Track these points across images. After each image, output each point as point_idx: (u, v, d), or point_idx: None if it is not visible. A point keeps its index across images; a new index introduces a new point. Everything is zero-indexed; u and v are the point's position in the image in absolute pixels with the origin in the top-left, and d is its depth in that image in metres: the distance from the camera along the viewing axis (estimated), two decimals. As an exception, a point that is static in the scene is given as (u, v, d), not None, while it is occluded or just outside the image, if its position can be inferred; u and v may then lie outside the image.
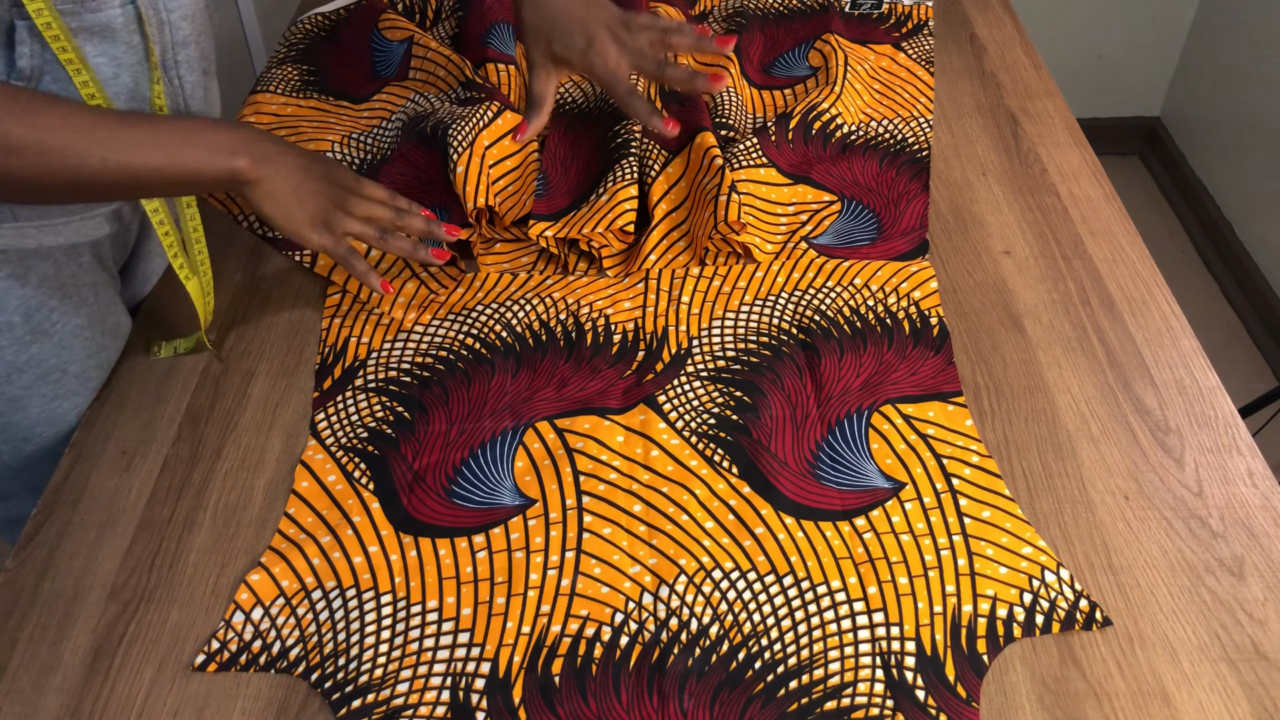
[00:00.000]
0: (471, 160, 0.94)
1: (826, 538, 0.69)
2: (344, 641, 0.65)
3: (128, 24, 0.71)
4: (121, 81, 0.73)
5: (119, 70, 0.72)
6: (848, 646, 0.64)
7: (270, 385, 0.82)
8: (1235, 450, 0.74)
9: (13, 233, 0.73)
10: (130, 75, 0.73)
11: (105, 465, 0.77)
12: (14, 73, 0.67)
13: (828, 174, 1.00)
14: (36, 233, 0.74)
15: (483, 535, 0.70)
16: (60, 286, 0.77)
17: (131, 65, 0.73)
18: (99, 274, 0.81)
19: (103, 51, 0.70)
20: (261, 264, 0.93)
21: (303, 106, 1.10)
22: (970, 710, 0.60)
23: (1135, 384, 0.79)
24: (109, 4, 0.69)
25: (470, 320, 0.87)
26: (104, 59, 0.71)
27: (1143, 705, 0.60)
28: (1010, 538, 0.69)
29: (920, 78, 1.13)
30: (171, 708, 0.62)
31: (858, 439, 0.75)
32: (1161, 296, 0.87)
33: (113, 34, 0.70)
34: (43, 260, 0.75)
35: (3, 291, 0.74)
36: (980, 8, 1.27)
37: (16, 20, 0.66)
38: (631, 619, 0.66)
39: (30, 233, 0.73)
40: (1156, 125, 2.41)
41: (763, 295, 0.87)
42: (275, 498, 0.74)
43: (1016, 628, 0.64)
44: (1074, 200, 0.97)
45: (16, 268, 0.74)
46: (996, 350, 0.82)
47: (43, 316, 0.77)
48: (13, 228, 0.72)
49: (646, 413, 0.78)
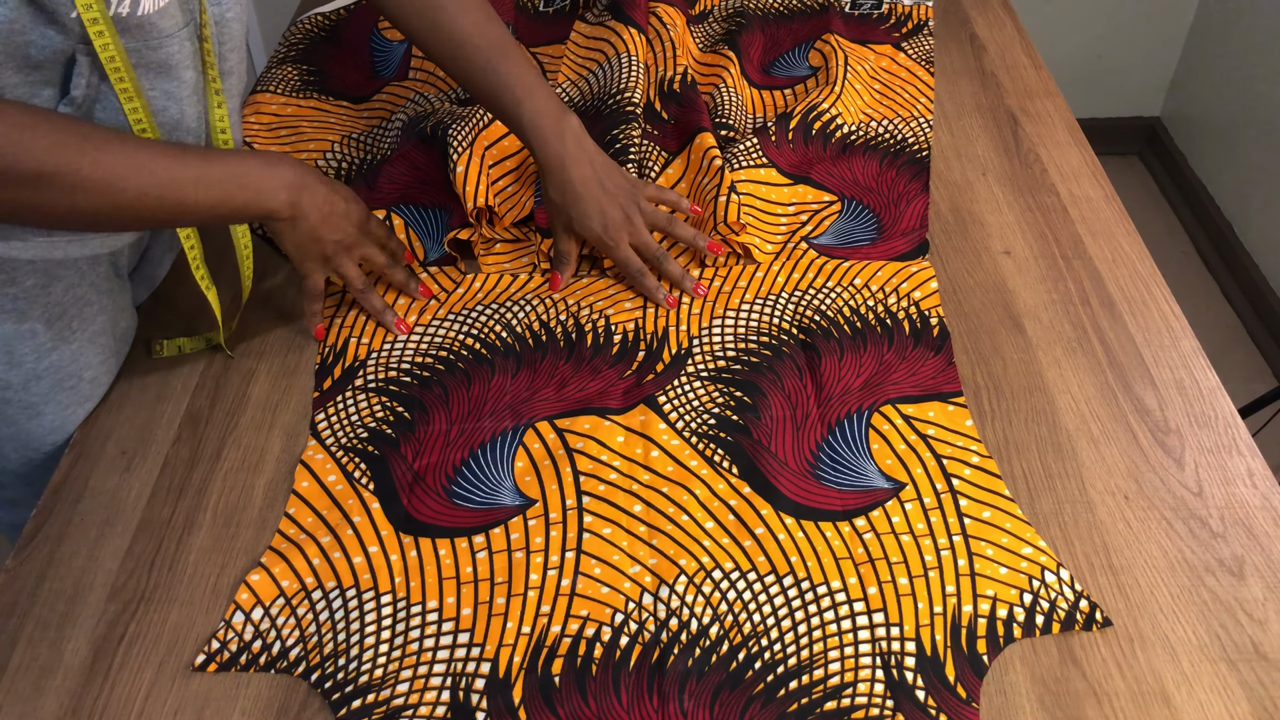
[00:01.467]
0: (471, 160, 0.94)
1: (826, 538, 0.69)
2: (344, 641, 0.65)
3: (184, 59, 0.73)
4: (169, 113, 0.74)
5: (168, 103, 0.74)
6: (848, 647, 0.64)
7: (270, 385, 0.82)
8: (1235, 450, 0.74)
9: (44, 244, 0.73)
10: (178, 107, 0.75)
11: (105, 465, 0.77)
12: (65, 99, 0.68)
13: (828, 174, 1.00)
14: (65, 245, 0.75)
15: (483, 535, 0.70)
16: (81, 294, 0.78)
17: (181, 99, 0.74)
18: (115, 280, 0.82)
19: (155, 85, 0.72)
20: (262, 265, 0.93)
21: (303, 106, 1.10)
22: (970, 710, 0.60)
23: (1135, 384, 0.79)
24: (170, 42, 0.71)
25: (470, 320, 0.87)
26: (156, 92, 0.73)
27: (1143, 705, 0.60)
28: (1010, 538, 0.69)
29: (920, 78, 1.13)
30: (171, 708, 0.62)
31: (858, 439, 0.75)
32: (1161, 296, 0.87)
33: (169, 69, 0.72)
34: (67, 269, 0.76)
35: (28, 300, 0.75)
36: (980, 8, 1.27)
37: (79, 54, 0.67)
38: (631, 619, 0.66)
39: (60, 244, 0.75)
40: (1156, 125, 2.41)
41: (763, 295, 0.87)
42: (275, 498, 0.74)
43: (1016, 628, 0.64)
44: (1074, 200, 0.97)
45: (42, 277, 0.75)
46: (996, 350, 0.82)
47: (64, 324, 0.77)
48: (45, 240, 0.73)
49: (646, 413, 0.78)
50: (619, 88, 1.03)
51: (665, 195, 0.92)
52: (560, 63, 1.15)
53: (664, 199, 0.92)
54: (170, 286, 0.92)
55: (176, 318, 0.89)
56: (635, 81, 1.04)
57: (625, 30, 1.09)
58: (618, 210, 0.87)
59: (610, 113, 1.02)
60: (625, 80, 1.04)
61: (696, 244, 0.89)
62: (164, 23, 0.70)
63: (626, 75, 1.05)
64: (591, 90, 1.08)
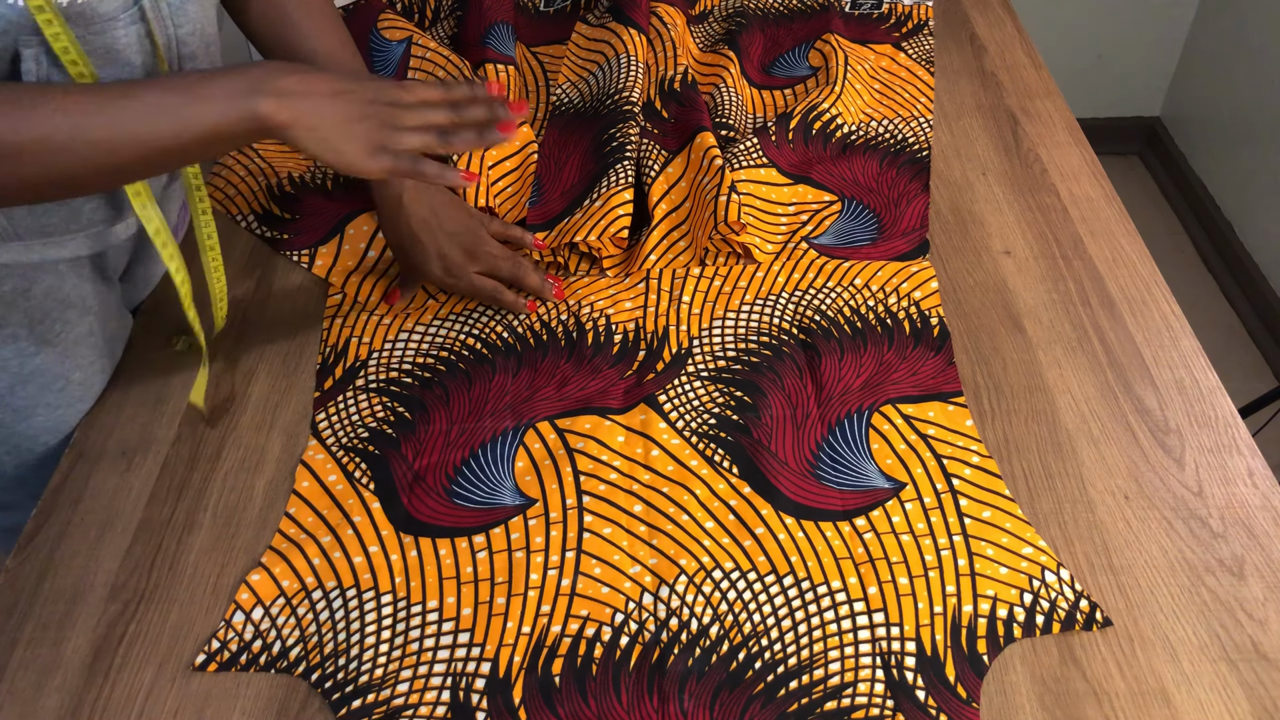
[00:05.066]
0: (471, 162, 0.94)
1: (827, 538, 0.69)
2: (344, 641, 0.65)
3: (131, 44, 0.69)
4: None
5: None
6: (848, 646, 0.64)
7: (270, 385, 0.82)
8: (1235, 450, 0.74)
9: (19, 248, 0.72)
10: None
11: (105, 465, 0.77)
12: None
13: (828, 174, 1.00)
14: (41, 248, 0.73)
15: (483, 535, 0.70)
16: (64, 297, 0.77)
17: None
18: (100, 282, 0.81)
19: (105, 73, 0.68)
20: (262, 264, 0.93)
21: (303, 106, 1.10)
22: (970, 710, 0.60)
23: (1135, 384, 0.79)
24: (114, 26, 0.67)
25: (471, 320, 0.87)
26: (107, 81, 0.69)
27: (1143, 705, 0.60)
28: (1010, 538, 0.69)
29: (920, 78, 1.13)
30: (171, 708, 0.62)
31: (858, 439, 0.75)
32: (1161, 296, 0.87)
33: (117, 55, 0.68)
34: (46, 273, 0.75)
35: (7, 305, 0.74)
36: (980, 8, 1.27)
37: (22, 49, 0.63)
38: (632, 619, 0.66)
39: (35, 248, 0.73)
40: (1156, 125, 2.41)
41: (763, 295, 0.87)
42: (275, 498, 0.74)
43: (1017, 628, 0.64)
44: (1074, 200, 0.97)
45: (20, 281, 0.74)
46: (996, 350, 0.82)
47: (46, 327, 0.76)
48: (19, 245, 0.72)
49: (647, 412, 0.78)
50: (618, 87, 1.03)
51: (510, 231, 0.90)
52: (561, 63, 1.15)
53: (508, 235, 0.90)
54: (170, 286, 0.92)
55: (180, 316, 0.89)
56: (634, 81, 1.04)
57: (626, 31, 1.09)
58: (457, 252, 0.84)
59: (609, 112, 1.02)
60: (625, 80, 1.04)
61: (543, 293, 0.87)
62: (104, 7, 0.66)
63: (626, 75, 1.05)
64: (592, 91, 1.08)
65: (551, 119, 1.06)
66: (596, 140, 1.00)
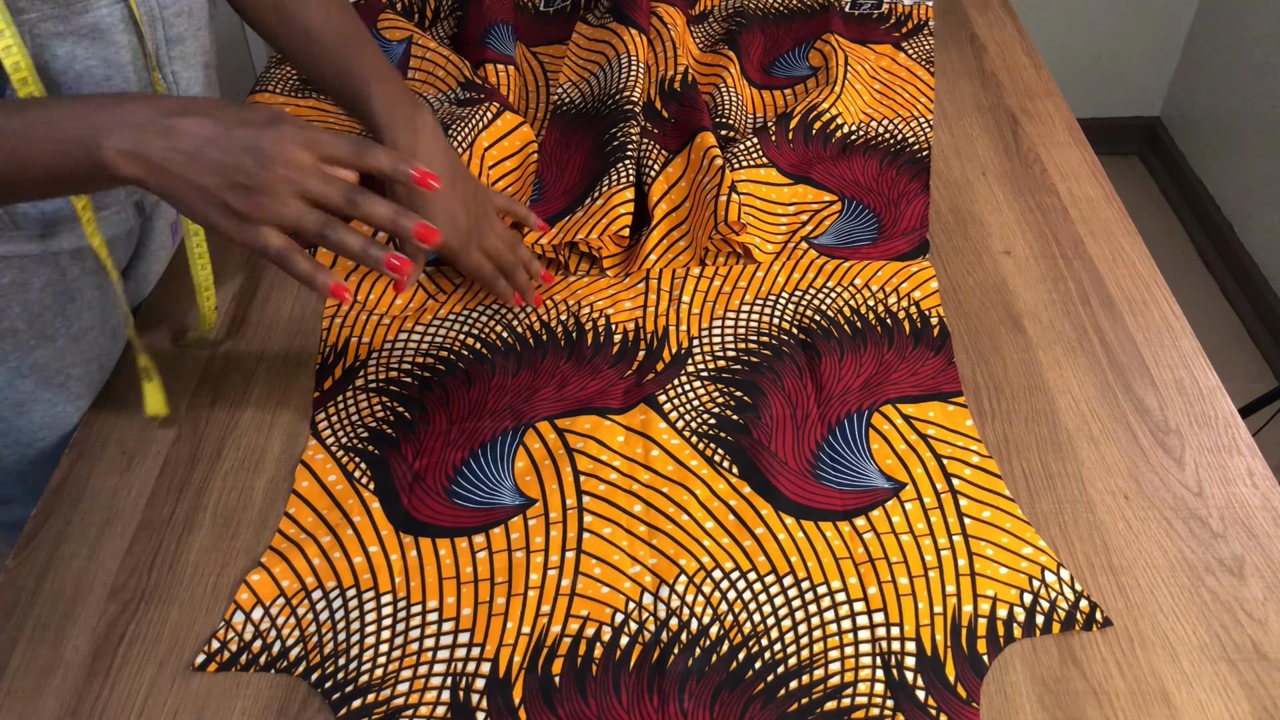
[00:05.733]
0: (471, 161, 0.94)
1: (826, 538, 0.69)
2: (344, 641, 0.65)
3: (116, 23, 0.68)
4: (114, 84, 0.71)
5: (111, 72, 0.70)
6: (848, 646, 0.64)
7: (270, 385, 0.82)
8: (1235, 450, 0.74)
9: (18, 239, 0.72)
10: (122, 77, 0.71)
11: (105, 465, 0.77)
12: None
13: (828, 174, 1.00)
14: (40, 239, 0.73)
15: (483, 535, 0.70)
16: (64, 291, 0.77)
17: (123, 66, 0.71)
18: (102, 277, 0.81)
19: (94, 54, 0.68)
20: (261, 263, 0.93)
21: (302, 106, 1.10)
22: (970, 710, 0.60)
23: (1135, 384, 0.79)
24: (97, 4, 0.67)
25: (470, 320, 0.87)
26: (95, 61, 0.69)
27: (1143, 705, 0.60)
28: (1010, 538, 0.69)
29: (920, 78, 1.13)
30: (171, 708, 0.62)
31: (858, 439, 0.75)
32: (1161, 296, 0.87)
33: (102, 34, 0.68)
34: (46, 266, 0.75)
35: (7, 298, 0.74)
36: (980, 8, 1.27)
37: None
38: (632, 619, 0.66)
39: (34, 238, 0.73)
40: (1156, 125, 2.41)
41: (763, 295, 0.87)
42: (275, 498, 0.74)
43: (1016, 628, 0.64)
44: (1074, 200, 0.97)
45: (20, 274, 0.74)
46: (996, 350, 0.82)
47: (46, 321, 0.76)
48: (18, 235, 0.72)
49: (647, 412, 0.78)
50: (619, 87, 1.03)
51: (514, 207, 0.89)
52: (561, 63, 1.15)
53: (512, 210, 0.89)
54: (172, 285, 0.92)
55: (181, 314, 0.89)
56: (635, 81, 1.04)
57: (626, 31, 1.09)
58: (465, 214, 0.81)
59: (610, 112, 1.02)
60: (626, 80, 1.04)
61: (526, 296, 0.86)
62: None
63: (627, 75, 1.05)
64: (592, 91, 1.08)
65: (552, 119, 1.06)
66: (598, 140, 1.00)
